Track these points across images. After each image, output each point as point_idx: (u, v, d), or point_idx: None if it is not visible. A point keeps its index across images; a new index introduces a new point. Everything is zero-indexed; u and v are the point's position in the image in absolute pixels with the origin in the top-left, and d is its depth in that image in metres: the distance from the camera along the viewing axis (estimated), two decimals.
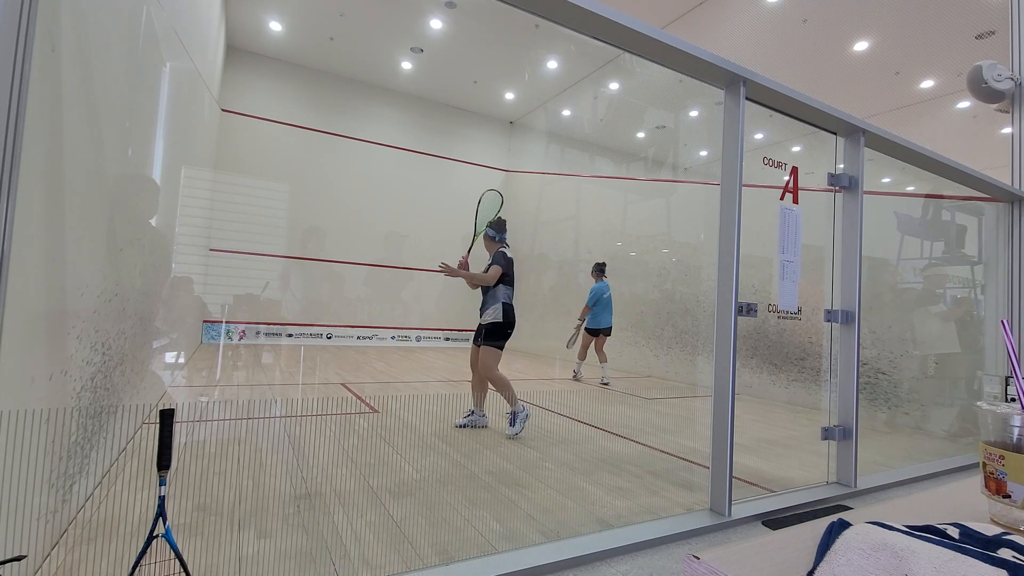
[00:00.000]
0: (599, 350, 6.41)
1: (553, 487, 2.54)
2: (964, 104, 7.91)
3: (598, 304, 6.39)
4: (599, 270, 6.53)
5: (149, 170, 2.93)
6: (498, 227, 3.84)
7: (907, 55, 7.12)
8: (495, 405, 3.79)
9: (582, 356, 6.57)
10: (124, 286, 2.34)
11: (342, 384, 5.19)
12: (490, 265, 3.72)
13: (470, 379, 3.83)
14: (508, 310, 3.68)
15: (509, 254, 3.77)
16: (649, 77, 8.82)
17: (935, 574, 0.46)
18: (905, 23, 6.49)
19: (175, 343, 4.82)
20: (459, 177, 10.77)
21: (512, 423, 3.48)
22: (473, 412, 3.72)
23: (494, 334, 3.63)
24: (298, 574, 1.61)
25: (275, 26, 8.13)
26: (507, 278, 3.72)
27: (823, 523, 0.64)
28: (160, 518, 1.39)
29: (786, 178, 2.41)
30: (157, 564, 1.48)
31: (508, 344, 3.73)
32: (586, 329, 6.49)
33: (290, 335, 8.71)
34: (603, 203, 9.50)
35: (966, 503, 0.80)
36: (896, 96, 8.25)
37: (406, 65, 9.21)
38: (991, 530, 0.58)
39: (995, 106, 3.90)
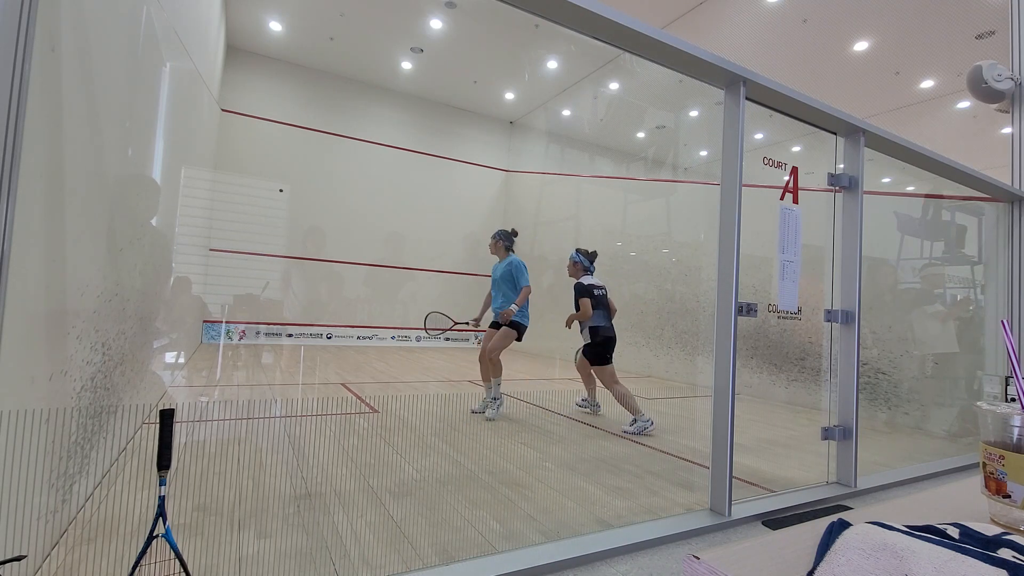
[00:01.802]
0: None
1: (553, 487, 2.54)
2: (964, 104, 7.90)
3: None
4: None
5: (149, 170, 2.93)
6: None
7: (907, 55, 7.11)
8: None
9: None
10: (124, 286, 2.34)
11: (342, 384, 5.18)
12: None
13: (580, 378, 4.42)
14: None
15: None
16: (649, 77, 8.81)
17: (935, 574, 0.46)
18: (905, 23, 6.48)
19: (175, 343, 4.82)
20: (459, 177, 10.76)
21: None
22: (587, 399, 4.41)
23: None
24: (298, 574, 1.61)
25: (275, 26, 8.12)
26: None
27: (823, 523, 0.64)
28: (160, 518, 1.39)
29: (786, 178, 2.41)
30: (157, 564, 1.48)
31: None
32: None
33: (290, 335, 8.71)
34: (603, 203, 9.49)
35: (966, 503, 0.80)
36: (896, 96, 8.25)
37: (406, 65, 9.21)
38: (991, 530, 0.58)
39: (995, 106, 3.90)
